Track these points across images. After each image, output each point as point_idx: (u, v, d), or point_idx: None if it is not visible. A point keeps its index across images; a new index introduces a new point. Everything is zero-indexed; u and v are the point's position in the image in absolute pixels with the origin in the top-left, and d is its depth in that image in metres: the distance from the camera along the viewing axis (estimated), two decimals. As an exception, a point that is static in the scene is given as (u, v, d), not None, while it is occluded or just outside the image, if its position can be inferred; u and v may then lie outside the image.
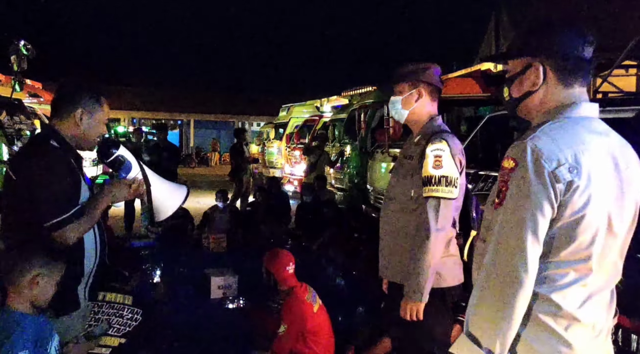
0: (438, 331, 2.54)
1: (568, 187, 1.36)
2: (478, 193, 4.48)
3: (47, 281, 1.99)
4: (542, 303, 1.43)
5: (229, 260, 6.55)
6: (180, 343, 4.13)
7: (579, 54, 1.47)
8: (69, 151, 2.33)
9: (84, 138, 2.37)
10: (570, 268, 1.42)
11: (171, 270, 5.99)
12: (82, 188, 2.29)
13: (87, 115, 2.34)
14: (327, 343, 3.57)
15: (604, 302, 1.49)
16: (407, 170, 2.54)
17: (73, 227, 2.15)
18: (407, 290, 2.40)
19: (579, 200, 1.37)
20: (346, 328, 4.13)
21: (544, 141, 1.38)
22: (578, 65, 1.48)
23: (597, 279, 1.45)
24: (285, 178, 13.31)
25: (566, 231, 1.39)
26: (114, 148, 2.37)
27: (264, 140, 17.59)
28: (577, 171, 1.36)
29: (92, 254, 2.32)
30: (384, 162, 7.30)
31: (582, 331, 1.44)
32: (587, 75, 1.50)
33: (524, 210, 1.37)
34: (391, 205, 2.60)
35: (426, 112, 2.60)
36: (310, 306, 3.55)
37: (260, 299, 4.73)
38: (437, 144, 2.41)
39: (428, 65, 2.62)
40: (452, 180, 2.38)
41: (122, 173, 2.37)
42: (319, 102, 14.44)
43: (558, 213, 1.38)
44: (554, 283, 1.42)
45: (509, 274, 1.38)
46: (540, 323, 1.43)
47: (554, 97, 1.50)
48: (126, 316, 3.06)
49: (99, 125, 2.39)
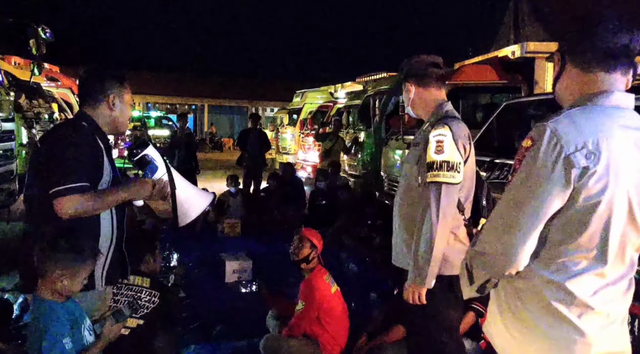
0: (447, 317, 2.55)
1: (583, 173, 1.35)
2: (494, 181, 4.46)
3: (74, 279, 2.04)
4: (555, 290, 1.44)
5: (243, 245, 6.63)
6: (195, 325, 4.21)
7: (598, 43, 1.46)
8: (99, 133, 2.38)
9: (119, 121, 2.45)
10: (585, 256, 1.42)
11: (187, 254, 6.08)
12: (104, 172, 2.31)
13: (119, 99, 2.42)
14: (341, 327, 3.60)
15: (620, 291, 1.48)
16: (414, 157, 2.56)
17: (72, 199, 2.13)
18: (411, 274, 2.42)
19: (594, 187, 1.36)
20: (359, 314, 4.17)
21: (564, 124, 1.39)
22: (599, 52, 1.46)
23: (613, 268, 1.44)
24: (298, 164, 13.32)
25: (580, 218, 1.39)
26: (141, 148, 2.42)
27: (277, 125, 17.59)
28: (596, 157, 1.35)
29: (107, 240, 2.34)
30: (398, 149, 7.29)
31: (596, 320, 1.44)
32: (619, 64, 1.47)
33: (531, 188, 1.38)
34: (401, 193, 2.63)
35: (429, 101, 2.61)
36: (329, 286, 3.60)
37: (274, 283, 4.78)
38: (439, 129, 2.41)
39: (412, 57, 2.66)
40: (455, 165, 2.36)
41: (147, 173, 2.40)
42: (333, 88, 14.38)
43: (572, 198, 1.38)
44: (567, 270, 1.43)
45: (504, 250, 1.41)
46: (554, 311, 1.44)
47: (576, 84, 1.51)
48: (144, 298, 3.13)
49: (129, 107, 2.51)
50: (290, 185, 8.75)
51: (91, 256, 2.10)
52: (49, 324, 1.96)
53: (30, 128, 7.25)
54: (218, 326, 4.26)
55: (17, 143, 6.79)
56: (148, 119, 23.09)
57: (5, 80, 7.03)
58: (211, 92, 32.63)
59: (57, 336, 1.93)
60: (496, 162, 4.68)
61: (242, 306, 4.71)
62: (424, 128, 2.60)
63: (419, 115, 2.68)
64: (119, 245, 2.43)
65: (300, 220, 8.05)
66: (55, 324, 1.96)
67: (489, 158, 4.75)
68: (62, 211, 2.13)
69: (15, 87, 7.30)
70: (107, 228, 2.34)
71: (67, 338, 1.95)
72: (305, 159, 13.41)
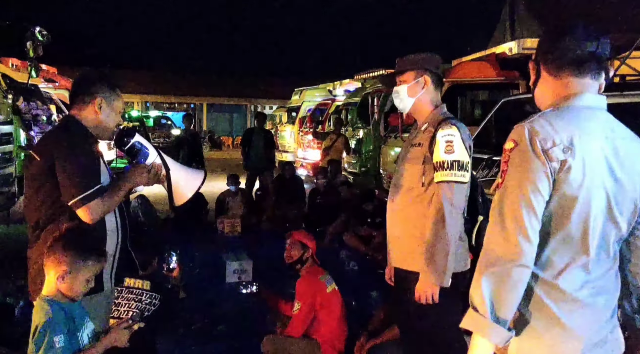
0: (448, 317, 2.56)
1: (562, 166, 1.43)
2: (493, 179, 4.47)
3: (75, 278, 2.04)
4: (543, 285, 1.48)
5: (244, 244, 6.63)
6: (196, 325, 4.22)
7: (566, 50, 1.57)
8: (90, 137, 2.39)
9: (103, 127, 2.42)
10: (568, 248, 1.48)
11: (187, 254, 6.09)
12: (102, 175, 2.33)
13: (106, 103, 2.40)
14: (340, 326, 3.62)
15: (607, 284, 1.53)
16: (417, 157, 2.55)
17: (97, 203, 2.20)
18: (427, 274, 2.41)
19: (572, 180, 1.43)
20: (359, 313, 4.18)
21: (540, 123, 1.48)
22: (569, 59, 1.56)
23: (598, 261, 1.50)
24: (297, 162, 13.32)
25: (562, 211, 1.46)
26: (130, 137, 2.43)
27: (276, 124, 17.58)
28: (572, 152, 1.44)
29: (114, 237, 2.38)
30: (397, 147, 7.29)
31: (584, 313, 1.48)
32: (587, 69, 1.57)
33: (522, 186, 1.45)
34: (400, 193, 2.61)
35: (430, 100, 2.61)
36: (323, 286, 3.60)
37: (274, 283, 4.79)
38: (448, 129, 2.43)
39: (431, 54, 2.65)
40: (464, 165, 2.41)
41: (140, 159, 2.44)
42: (332, 85, 14.38)
43: (553, 191, 1.45)
44: (553, 265, 1.48)
45: (509, 248, 1.44)
46: (542, 305, 1.48)
47: (551, 88, 1.62)
48: (145, 301, 3.15)
49: (117, 114, 2.47)
50: (290, 184, 8.75)
51: (94, 256, 2.10)
52: (42, 320, 1.98)
53: (29, 130, 7.26)
54: (218, 326, 4.27)
55: (15, 145, 6.80)
56: (147, 119, 23.05)
57: (3, 82, 7.03)
58: (209, 91, 32.59)
59: (48, 333, 1.94)
60: (494, 159, 4.69)
61: (243, 307, 4.72)
62: (422, 129, 2.59)
63: (413, 112, 2.66)
64: (124, 243, 2.46)
65: (301, 218, 8.07)
66: (48, 320, 1.97)
67: (487, 155, 4.76)
68: (89, 218, 2.20)
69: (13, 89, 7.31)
70: (112, 227, 2.37)
71: (59, 336, 1.95)
72: (305, 157, 13.40)
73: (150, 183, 2.46)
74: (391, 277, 2.75)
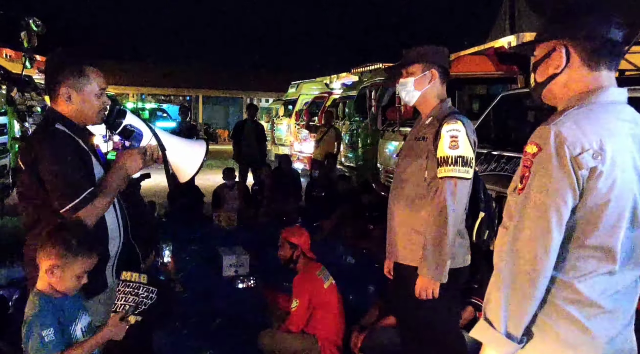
0: (447, 312, 2.55)
1: (591, 173, 1.34)
2: (491, 174, 4.45)
3: (64, 272, 1.99)
4: (564, 290, 1.42)
5: (240, 238, 6.61)
6: (193, 320, 4.20)
7: (604, 36, 1.44)
8: (77, 131, 2.23)
9: (84, 116, 2.22)
10: (594, 255, 1.40)
11: (183, 247, 6.06)
12: (95, 168, 2.23)
13: (75, 91, 2.16)
14: (337, 321, 3.60)
15: (629, 290, 1.47)
16: (421, 151, 2.52)
17: (89, 209, 2.09)
18: (426, 270, 2.40)
19: (602, 186, 1.35)
20: (357, 306, 4.16)
21: (568, 126, 1.36)
22: (604, 47, 1.44)
23: (622, 268, 1.43)
24: (294, 156, 13.28)
25: (590, 218, 1.38)
26: (121, 118, 2.25)
27: (273, 117, 17.51)
28: (601, 157, 1.34)
29: (116, 234, 2.30)
30: (394, 141, 7.27)
31: (604, 319, 1.43)
32: (616, 59, 1.46)
33: (546, 196, 1.36)
34: (401, 187, 2.58)
35: (436, 94, 2.58)
36: (321, 282, 3.58)
37: (272, 277, 4.77)
38: (453, 125, 2.40)
39: (440, 47, 2.61)
40: (469, 160, 2.38)
41: (134, 143, 2.27)
42: (329, 78, 14.32)
43: (581, 199, 1.37)
44: (576, 270, 1.41)
45: (529, 260, 1.37)
46: (562, 311, 1.42)
47: (579, 80, 1.47)
48: (142, 294, 3.09)
49: (93, 99, 2.20)
50: (286, 177, 8.72)
51: (84, 250, 2.04)
52: (29, 314, 1.95)
53: (23, 121, 7.19)
54: (215, 320, 4.25)
55: (9, 137, 6.74)
56: (142, 111, 22.93)
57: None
58: (205, 83, 32.40)
59: (36, 326, 1.91)
60: (493, 154, 4.67)
61: (240, 301, 4.70)
62: (427, 123, 2.56)
63: (418, 105, 2.62)
64: (126, 237, 2.37)
65: (297, 211, 8.05)
66: (37, 314, 1.94)
67: (486, 150, 4.73)
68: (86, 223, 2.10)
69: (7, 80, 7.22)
70: (113, 223, 2.29)
71: (49, 330, 1.92)
72: (301, 150, 13.36)
73: (147, 166, 2.29)
74: (390, 271, 2.74)
